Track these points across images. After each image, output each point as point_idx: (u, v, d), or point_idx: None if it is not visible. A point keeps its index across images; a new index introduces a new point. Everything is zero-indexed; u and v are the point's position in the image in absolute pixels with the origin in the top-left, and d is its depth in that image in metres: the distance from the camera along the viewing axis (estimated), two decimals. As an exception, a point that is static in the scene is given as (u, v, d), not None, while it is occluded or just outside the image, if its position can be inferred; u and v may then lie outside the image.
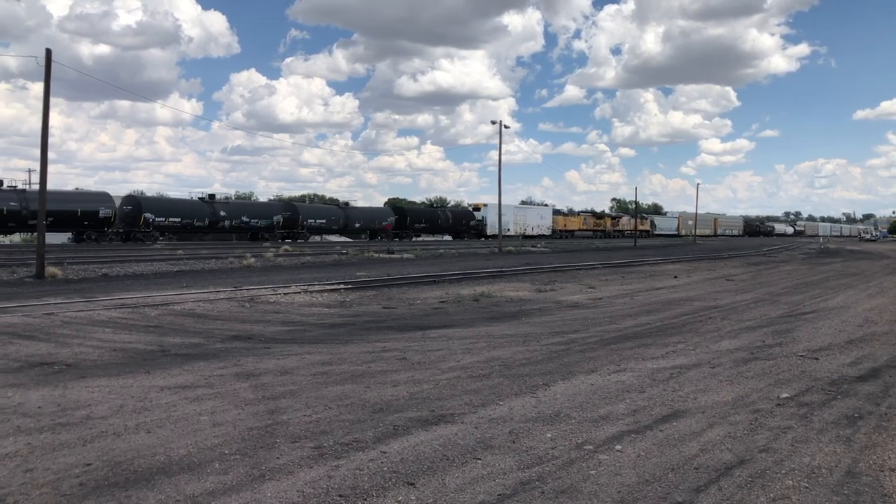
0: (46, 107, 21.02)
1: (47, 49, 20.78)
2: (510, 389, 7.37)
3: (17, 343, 9.74)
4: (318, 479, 4.71)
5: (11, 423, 5.93)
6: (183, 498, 4.35)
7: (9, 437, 5.52)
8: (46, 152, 21.20)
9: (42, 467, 4.85)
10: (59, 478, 4.66)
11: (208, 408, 6.50)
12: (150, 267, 24.73)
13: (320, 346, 10.04)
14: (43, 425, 5.88)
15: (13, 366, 8.36)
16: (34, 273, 20.28)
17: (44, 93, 20.94)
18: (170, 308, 13.74)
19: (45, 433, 5.65)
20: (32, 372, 8.05)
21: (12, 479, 4.61)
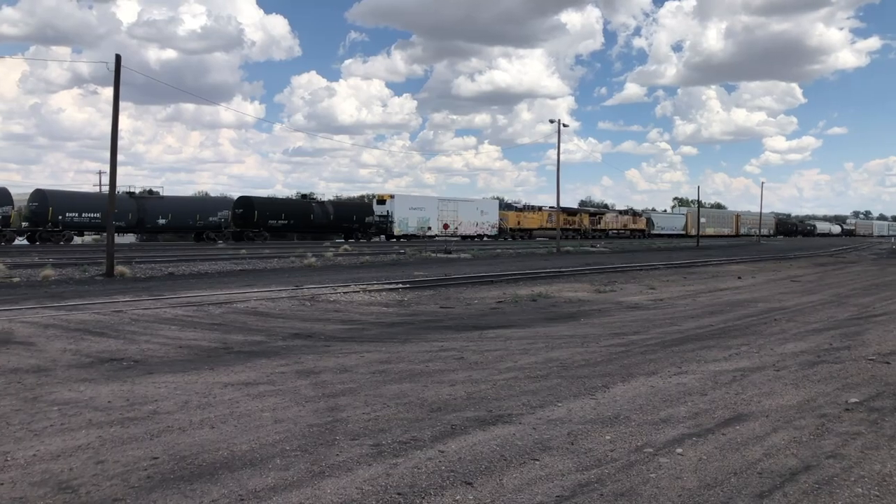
0: (116, 110, 21.69)
1: (117, 55, 21.46)
2: (568, 391, 7.32)
3: (89, 339, 10.08)
4: (376, 476, 4.76)
5: (83, 416, 6.15)
6: (245, 493, 4.44)
7: (81, 430, 5.72)
8: (116, 154, 21.88)
9: (112, 459, 5.01)
10: (128, 470, 4.80)
11: (270, 404, 6.62)
12: (215, 266, 25.30)
13: (379, 345, 10.12)
14: (113, 419, 6.07)
15: (85, 361, 8.65)
16: (104, 272, 20.95)
17: (113, 97, 21.62)
18: (233, 306, 14.04)
19: (115, 427, 5.84)
20: (103, 367, 8.32)
21: (85, 470, 4.78)
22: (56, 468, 4.83)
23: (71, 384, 7.39)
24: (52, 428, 5.78)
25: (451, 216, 64.19)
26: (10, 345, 9.53)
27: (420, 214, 61.75)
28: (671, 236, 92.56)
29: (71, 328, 10.89)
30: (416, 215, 61.71)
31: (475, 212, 68.52)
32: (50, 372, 8.01)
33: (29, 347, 9.40)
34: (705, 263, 33.21)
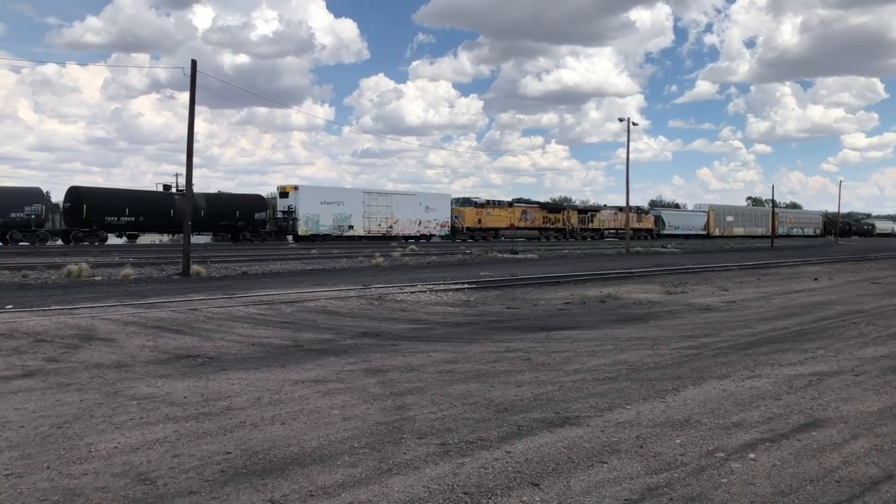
0: (192, 114, 22.34)
1: (193, 60, 22.09)
2: (637, 393, 7.22)
3: (166, 336, 10.41)
4: (443, 475, 4.79)
5: (161, 411, 6.36)
6: (315, 489, 4.52)
7: (159, 424, 5.92)
8: (192, 157, 22.56)
9: (188, 453, 5.17)
10: (203, 464, 4.95)
11: (339, 402, 6.72)
12: (286, 265, 25.81)
13: (445, 345, 10.17)
14: (188, 414, 6.26)
15: (162, 357, 8.94)
16: (180, 271, 21.60)
17: (189, 101, 22.27)
18: (303, 305, 14.30)
19: (190, 422, 6.02)
20: (179, 364, 8.59)
21: (162, 463, 4.95)
22: (135, 460, 5.01)
23: (149, 379, 7.66)
24: (132, 421, 6.00)
25: (381, 212, 54.74)
26: (93, 341, 9.92)
27: (337, 210, 52.16)
28: (686, 237, 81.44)
29: (149, 325, 11.27)
30: (330, 211, 51.85)
31: (416, 207, 57.62)
32: (129, 367, 8.31)
33: (110, 343, 9.77)
34: (779, 264, 32.26)
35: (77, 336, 10.21)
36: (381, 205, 55.57)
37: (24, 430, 5.71)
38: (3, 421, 5.95)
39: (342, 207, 52.75)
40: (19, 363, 8.38)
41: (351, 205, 53.37)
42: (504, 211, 62.97)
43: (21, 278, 19.37)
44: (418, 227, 57.58)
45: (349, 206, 53.15)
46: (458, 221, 59.97)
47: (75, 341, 9.83)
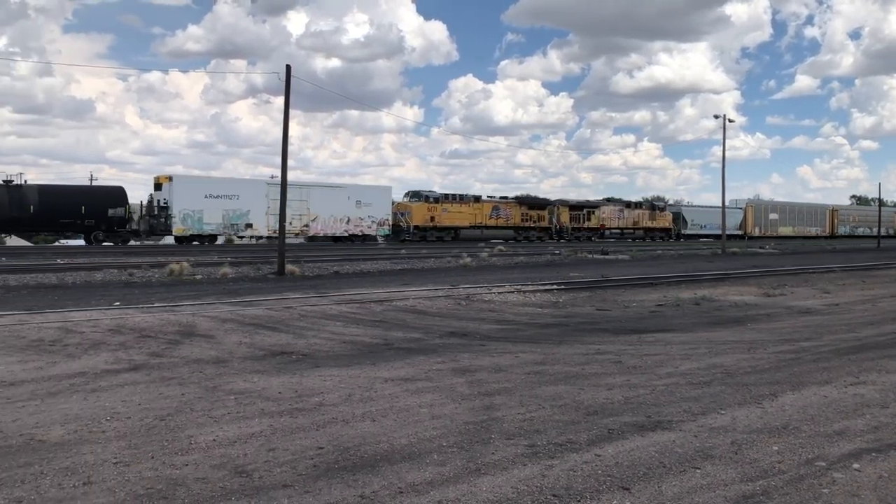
0: (286, 118, 22.96)
1: (287, 65, 22.68)
2: (733, 398, 7.01)
3: (262, 333, 10.74)
4: (531, 477, 4.77)
5: (257, 405, 6.57)
6: (404, 485, 4.58)
7: (255, 419, 6.11)
8: (286, 159, 23.18)
9: (282, 447, 5.32)
10: (296, 458, 5.08)
11: (427, 400, 6.78)
12: (376, 265, 26.22)
13: (534, 346, 10.12)
14: (283, 409, 6.44)
15: (258, 354, 9.23)
16: (276, 270, 22.24)
17: (284, 105, 22.90)
18: (393, 304, 14.49)
19: (285, 417, 6.19)
20: (274, 360, 8.85)
21: (258, 456, 5.11)
22: (233, 453, 5.19)
23: (245, 375, 7.92)
24: (229, 415, 6.22)
25: (294, 208, 43.90)
26: (193, 337, 10.32)
27: (229, 206, 43.26)
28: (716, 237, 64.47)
29: (246, 322, 11.65)
30: (219, 207, 42.80)
31: (344, 202, 47.93)
32: (227, 363, 8.61)
33: (209, 340, 10.15)
34: (888, 266, 30.68)
35: (179, 332, 10.65)
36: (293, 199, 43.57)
37: (131, 421, 6.00)
38: (112, 412, 6.26)
39: (236, 202, 43.56)
40: (126, 357, 8.81)
41: (249, 199, 43.94)
42: (467, 207, 53.67)
43: (127, 276, 20.35)
44: (346, 225, 48.05)
45: (246, 201, 43.79)
46: (403, 219, 50.04)
47: (177, 337, 10.26)
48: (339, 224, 47.93)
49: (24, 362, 8.40)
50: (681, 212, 70.57)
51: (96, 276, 20.11)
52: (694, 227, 69.97)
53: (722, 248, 44.17)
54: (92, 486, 4.50)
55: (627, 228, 64.18)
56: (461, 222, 52.93)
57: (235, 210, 43.60)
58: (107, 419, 6.03)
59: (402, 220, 50.29)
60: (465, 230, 52.68)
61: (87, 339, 9.91)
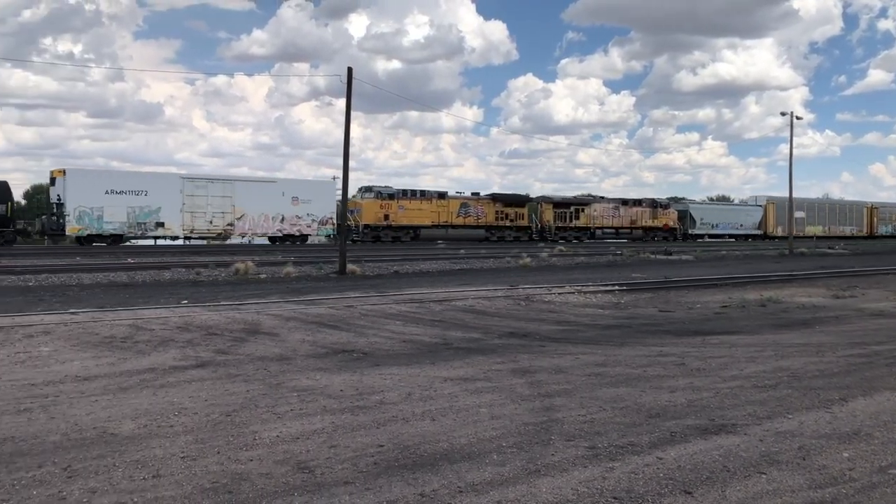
0: (348, 120, 23.25)
1: (349, 68, 22.97)
2: (800, 403, 6.82)
3: (324, 332, 10.90)
4: (592, 479, 4.73)
5: (319, 402, 6.67)
6: (464, 485, 4.59)
7: (317, 416, 6.21)
8: (348, 161, 23.46)
9: (343, 444, 5.39)
10: (357, 455, 5.15)
11: (487, 401, 6.79)
12: (435, 265, 26.34)
13: (594, 347, 10.03)
14: (344, 407, 6.53)
15: (320, 352, 9.37)
16: (337, 270, 22.55)
17: (346, 107, 23.20)
18: (452, 304, 14.53)
19: (346, 414, 6.27)
20: (336, 358, 8.97)
21: (320, 453, 5.19)
22: (295, 449, 5.28)
23: (308, 372, 8.05)
24: (292, 412, 6.33)
25: (216, 205, 40.84)
26: (258, 335, 10.54)
27: (135, 202, 38.74)
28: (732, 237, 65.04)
29: (308, 321, 11.84)
30: (123, 203, 38.24)
31: (277, 198, 43.23)
32: (290, 360, 8.77)
33: (273, 337, 10.34)
34: (967, 268, 29.42)
35: (243, 330, 10.88)
36: (214, 195, 41.10)
37: (198, 416, 6.16)
38: (180, 407, 6.44)
39: (144, 198, 38.98)
40: (193, 354, 9.04)
41: (160, 194, 39.33)
42: (428, 204, 48.58)
43: (195, 275, 20.88)
44: (280, 224, 43.57)
45: (157, 197, 39.27)
46: (353, 217, 44.29)
47: (242, 335, 10.49)
48: (272, 223, 43.42)
49: (97, 358, 8.71)
50: (688, 209, 64.33)
51: (165, 275, 20.70)
52: (704, 227, 64.51)
53: (789, 248, 42.99)
54: (161, 479, 4.64)
55: (623, 228, 58.92)
56: (422, 221, 48.35)
57: (143, 207, 39.01)
58: (175, 414, 6.21)
59: (353, 219, 44.59)
60: (427, 230, 48.36)
61: (156, 336, 10.21)
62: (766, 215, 68.63)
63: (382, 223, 46.70)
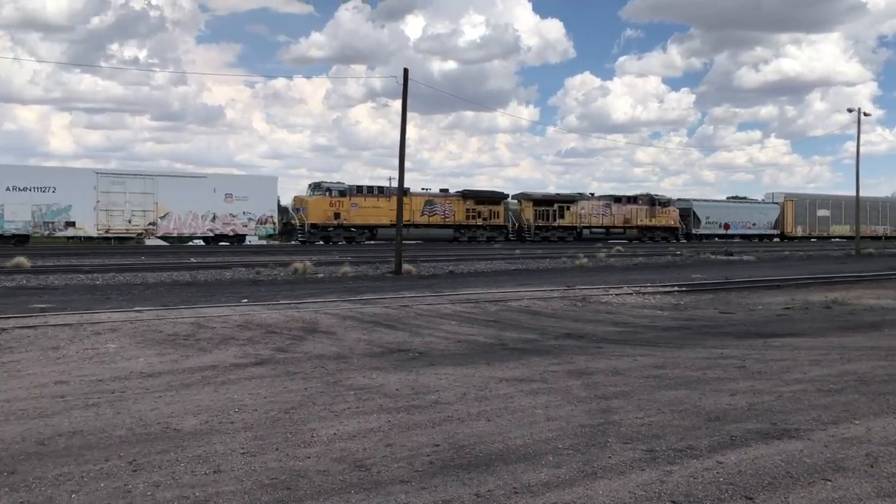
0: (404, 120, 23.39)
1: (404, 69, 23.13)
2: (868, 408, 6.61)
3: (380, 331, 10.98)
4: (649, 482, 4.67)
5: (375, 401, 6.73)
6: (519, 486, 4.58)
7: (373, 414, 6.26)
8: (403, 161, 23.62)
9: (399, 443, 5.43)
10: (413, 454, 5.17)
11: (542, 402, 6.75)
12: (490, 265, 26.32)
13: (652, 349, 9.89)
14: (400, 406, 6.57)
15: (376, 351, 9.45)
16: (393, 269, 22.71)
17: (402, 108, 23.35)
18: (507, 304, 14.49)
19: (402, 413, 6.31)
20: (391, 357, 9.04)
21: (376, 451, 5.24)
22: (352, 447, 5.34)
23: (364, 371, 8.12)
24: (349, 410, 6.40)
25: (135, 202, 37.90)
26: (315, 333, 10.68)
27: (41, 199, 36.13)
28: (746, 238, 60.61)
29: (365, 320, 11.94)
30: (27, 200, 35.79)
31: (207, 195, 39.90)
32: (347, 359, 8.86)
33: (330, 336, 10.47)
34: None
35: (302, 329, 11.04)
36: (133, 191, 37.94)
37: (257, 413, 6.28)
38: (240, 404, 6.57)
39: (52, 195, 36.19)
40: (253, 352, 9.22)
41: (71, 191, 36.51)
42: (386, 201, 44.51)
43: (254, 275, 21.27)
44: (212, 223, 40.08)
45: (68, 194, 36.48)
46: (298, 215, 42.67)
47: (300, 333, 10.64)
48: (201, 222, 39.88)
49: (161, 355, 8.94)
50: (691, 207, 59.73)
51: (226, 275, 21.14)
52: (710, 226, 60.32)
53: (856, 248, 41.71)
54: (221, 474, 4.74)
55: (616, 227, 54.84)
56: (378, 219, 44.55)
57: (51, 205, 36.22)
58: (235, 411, 6.33)
59: (299, 217, 42.68)
60: (386, 229, 44.03)
61: (217, 334, 10.43)
62: (784, 214, 64.16)
63: (332, 222, 43.66)
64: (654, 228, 56.47)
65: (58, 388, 7.13)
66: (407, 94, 23.08)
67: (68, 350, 9.13)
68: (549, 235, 51.57)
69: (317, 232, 42.93)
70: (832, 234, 65.49)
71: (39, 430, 5.66)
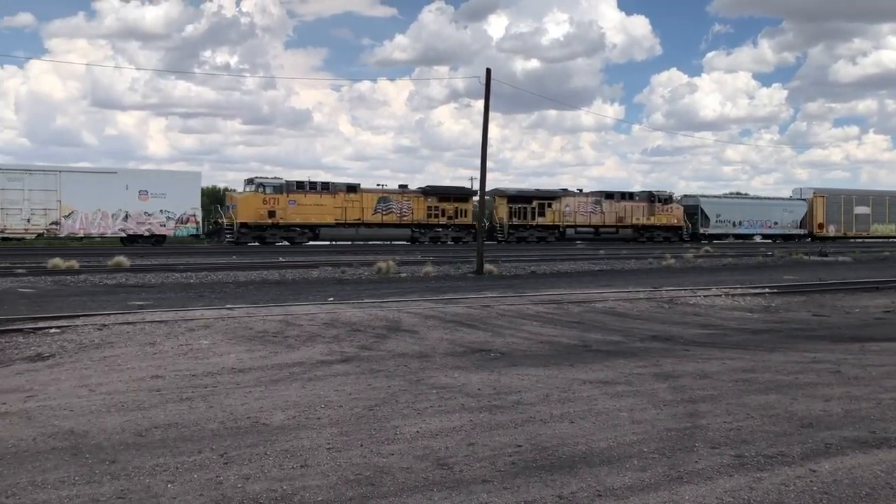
0: (486, 120, 23.41)
1: (487, 69, 23.17)
2: (976, 418, 6.25)
3: (462, 331, 11.03)
4: (738, 488, 4.54)
5: (457, 400, 6.76)
6: (603, 489, 4.53)
7: (456, 413, 6.30)
8: (486, 161, 23.63)
9: (481, 443, 5.45)
10: (495, 454, 5.18)
11: (627, 405, 6.66)
12: (573, 266, 26.08)
13: (742, 352, 9.62)
14: (482, 405, 6.59)
15: (458, 350, 9.50)
16: (475, 269, 22.76)
17: (484, 108, 23.39)
18: (591, 305, 14.33)
19: (483, 413, 6.33)
20: (473, 357, 9.07)
21: (458, 450, 5.27)
22: (435, 445, 5.38)
23: (446, 370, 8.18)
24: (432, 409, 6.45)
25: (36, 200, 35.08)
26: (398, 332, 10.82)
27: None
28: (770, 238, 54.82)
29: (447, 319, 12.02)
30: None
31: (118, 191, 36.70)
32: (429, 358, 8.94)
33: (413, 335, 10.58)
34: None
35: (385, 327, 11.20)
36: (33, 188, 35.06)
37: (342, 409, 6.41)
38: (326, 400, 6.72)
39: None
40: (338, 350, 9.40)
41: None
42: (331, 198, 41.40)
43: (340, 274, 21.70)
44: (124, 222, 37.02)
45: None
46: (226, 214, 39.55)
47: (384, 332, 10.80)
48: (112, 221, 36.93)
49: (251, 351, 9.22)
50: (699, 204, 53.75)
51: (312, 274, 21.64)
52: (720, 225, 54.12)
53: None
54: (308, 468, 4.86)
55: (607, 226, 49.97)
56: (322, 218, 41.10)
57: None
58: (321, 407, 6.48)
59: (227, 216, 39.44)
60: (330, 229, 41.39)
61: (304, 331, 10.68)
62: (813, 211, 57.80)
63: (266, 221, 39.85)
64: (654, 228, 51.46)
65: (154, 382, 7.45)
66: (489, 94, 23.11)
67: (164, 346, 9.51)
68: (527, 235, 47.71)
69: (248, 232, 39.65)
70: (872, 233, 59.01)
71: (137, 422, 5.93)
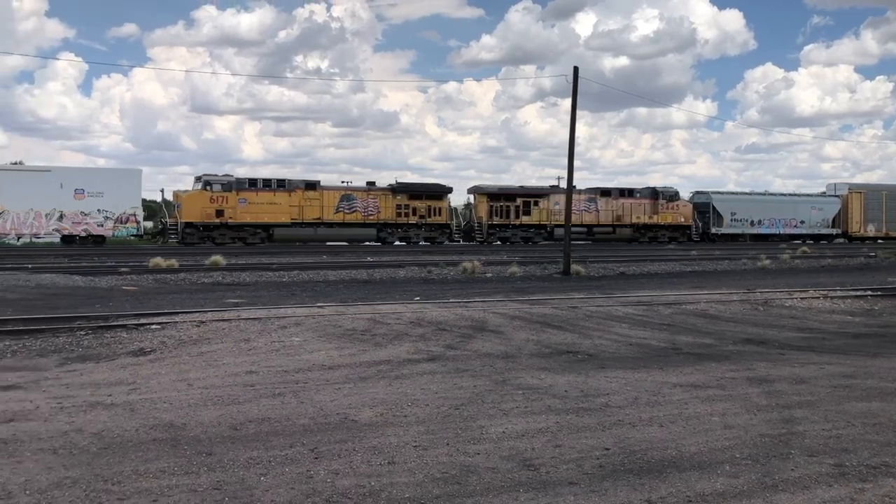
0: (573, 119, 23.19)
1: (574, 67, 22.93)
2: None
3: (548, 332, 10.96)
4: (838, 499, 4.36)
5: (543, 402, 6.73)
6: (693, 495, 4.43)
7: (542, 415, 6.27)
8: (573, 160, 23.43)
9: (567, 445, 5.41)
10: (582, 457, 5.13)
11: (719, 409, 6.48)
12: (664, 266, 25.53)
13: (841, 357, 9.22)
14: (568, 407, 6.53)
15: (545, 351, 9.44)
16: (561, 270, 22.57)
17: (571, 107, 23.16)
18: (681, 307, 14.00)
19: (570, 415, 6.28)
20: (560, 358, 9.00)
21: (544, 452, 5.24)
22: (521, 446, 5.37)
23: (532, 371, 8.14)
24: (517, 409, 6.44)
25: None
26: (484, 332, 10.83)
27: None
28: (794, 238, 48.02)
29: (532, 320, 11.96)
30: None
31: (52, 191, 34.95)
32: (515, 358, 8.92)
33: (499, 335, 10.57)
34: None
35: (470, 327, 11.23)
36: None
37: (429, 408, 6.47)
38: (413, 399, 6.79)
39: None
40: (425, 348, 9.49)
41: None
42: (286, 197, 38.68)
43: (426, 273, 21.89)
44: (58, 222, 35.37)
45: None
46: (171, 213, 37.30)
47: (469, 331, 10.83)
48: (45, 221, 35.26)
49: (340, 349, 9.41)
50: (710, 201, 48.62)
51: (399, 273, 21.89)
52: (736, 224, 49.01)
53: None
54: (395, 465, 4.93)
55: (602, 225, 45.70)
56: (276, 217, 38.34)
57: None
58: (408, 405, 6.56)
59: (169, 216, 37.35)
60: (284, 229, 38.65)
61: (391, 330, 10.83)
62: (848, 209, 52.10)
63: (214, 221, 37.23)
64: (658, 227, 46.83)
65: (248, 378, 7.70)
66: (577, 93, 22.86)
67: (257, 342, 9.81)
68: (510, 235, 43.72)
69: (193, 232, 37.10)
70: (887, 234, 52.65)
71: (232, 416, 6.14)
